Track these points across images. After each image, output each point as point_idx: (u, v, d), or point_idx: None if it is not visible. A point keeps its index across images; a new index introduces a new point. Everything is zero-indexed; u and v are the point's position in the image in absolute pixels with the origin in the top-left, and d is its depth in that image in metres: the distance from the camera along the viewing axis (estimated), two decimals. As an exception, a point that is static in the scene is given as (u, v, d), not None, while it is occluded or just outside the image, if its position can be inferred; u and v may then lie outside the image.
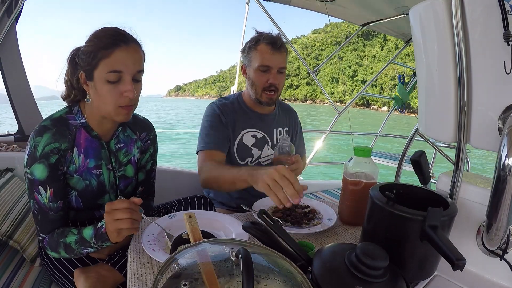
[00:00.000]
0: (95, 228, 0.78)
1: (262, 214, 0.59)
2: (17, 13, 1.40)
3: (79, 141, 0.86)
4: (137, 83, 0.82)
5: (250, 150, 1.30)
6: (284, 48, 1.22)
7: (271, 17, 2.42)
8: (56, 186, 0.82)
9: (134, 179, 1.02)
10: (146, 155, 1.05)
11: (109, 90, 0.78)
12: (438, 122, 0.73)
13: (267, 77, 1.20)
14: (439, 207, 0.57)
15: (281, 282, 0.44)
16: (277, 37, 1.20)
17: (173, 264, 0.43)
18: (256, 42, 1.20)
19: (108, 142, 0.93)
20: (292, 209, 1.00)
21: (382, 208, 0.61)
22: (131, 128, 0.99)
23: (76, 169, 0.87)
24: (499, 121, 0.56)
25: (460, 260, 0.46)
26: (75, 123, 0.86)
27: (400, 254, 0.59)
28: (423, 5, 0.67)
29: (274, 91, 1.23)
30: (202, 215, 0.88)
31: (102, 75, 0.78)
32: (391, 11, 2.29)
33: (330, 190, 2.31)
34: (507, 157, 0.48)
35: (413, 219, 0.57)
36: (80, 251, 0.80)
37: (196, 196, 1.13)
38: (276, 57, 1.19)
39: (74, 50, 0.84)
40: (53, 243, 0.82)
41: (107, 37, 0.77)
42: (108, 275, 0.83)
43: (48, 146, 0.79)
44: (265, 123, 1.33)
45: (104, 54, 0.76)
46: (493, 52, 0.55)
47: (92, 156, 0.89)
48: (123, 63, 0.78)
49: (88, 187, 0.90)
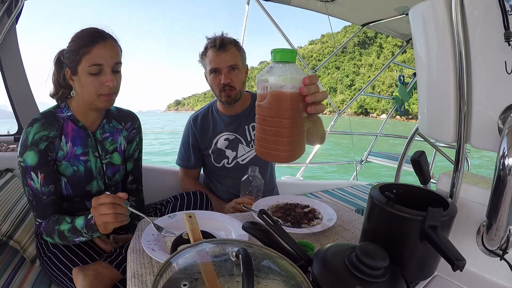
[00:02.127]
0: (86, 219, 0.83)
1: (262, 214, 0.58)
2: (17, 13, 1.40)
3: (66, 131, 0.95)
4: (116, 74, 0.93)
5: (224, 152, 1.37)
6: (230, 45, 1.22)
7: (271, 17, 2.43)
8: (47, 171, 0.90)
9: (121, 167, 1.10)
10: (133, 145, 1.14)
11: (91, 81, 0.89)
12: (438, 122, 0.73)
13: (219, 78, 1.24)
14: (439, 207, 0.57)
15: (281, 282, 0.44)
16: (219, 37, 1.22)
17: (173, 264, 0.43)
18: (205, 49, 1.25)
19: (94, 132, 1.01)
20: (292, 209, 1.00)
21: (382, 208, 0.61)
22: (116, 119, 1.09)
23: (64, 155, 0.95)
24: (499, 121, 0.56)
25: (460, 261, 0.46)
26: (62, 115, 0.96)
27: (400, 254, 0.59)
28: (423, 5, 0.67)
29: (230, 89, 1.25)
30: (202, 215, 0.88)
31: (85, 69, 0.88)
32: (391, 11, 2.29)
33: (330, 190, 2.31)
34: (507, 157, 0.48)
35: (413, 219, 0.56)
36: (73, 239, 0.86)
37: (192, 192, 1.18)
38: (222, 57, 1.21)
39: (59, 52, 0.94)
40: (49, 229, 0.89)
41: (87, 36, 0.88)
42: (105, 272, 0.85)
43: (37, 134, 0.88)
44: (234, 124, 1.37)
45: (86, 51, 0.86)
46: (493, 52, 0.55)
47: (80, 144, 0.97)
48: (102, 57, 0.88)
49: (76, 173, 0.97)
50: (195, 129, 1.38)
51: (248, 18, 2.55)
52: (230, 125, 1.36)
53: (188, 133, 1.41)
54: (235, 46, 1.23)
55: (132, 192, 1.18)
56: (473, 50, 0.58)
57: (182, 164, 1.44)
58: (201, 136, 1.37)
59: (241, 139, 1.36)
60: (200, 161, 1.43)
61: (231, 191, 1.39)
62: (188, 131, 1.40)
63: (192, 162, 1.41)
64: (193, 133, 1.38)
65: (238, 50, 1.25)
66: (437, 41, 0.66)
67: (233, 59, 1.22)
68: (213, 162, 1.38)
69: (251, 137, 1.36)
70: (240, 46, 1.27)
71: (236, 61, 1.23)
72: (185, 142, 1.42)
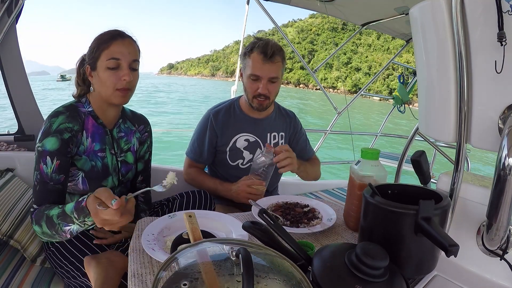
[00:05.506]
0: (76, 202, 0.76)
1: (262, 213, 0.59)
2: (17, 13, 1.40)
3: (87, 126, 0.97)
4: (134, 71, 0.96)
5: (242, 153, 1.34)
6: (278, 56, 1.21)
7: (271, 17, 2.42)
8: (63, 160, 0.89)
9: (133, 166, 1.13)
10: (144, 147, 1.18)
11: (109, 75, 0.92)
12: (438, 122, 0.73)
13: (257, 85, 1.23)
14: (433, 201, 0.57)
15: (281, 282, 0.44)
16: (270, 46, 1.20)
17: (173, 263, 0.43)
18: (251, 50, 1.23)
19: (111, 130, 1.04)
20: (292, 208, 1.00)
21: (375, 205, 0.62)
22: (130, 121, 1.12)
23: (85, 150, 0.97)
24: (499, 121, 0.56)
25: (453, 246, 0.47)
26: (84, 110, 0.98)
27: (397, 249, 0.60)
28: (423, 5, 0.67)
29: (265, 98, 1.25)
30: (202, 215, 0.88)
31: (103, 63, 0.91)
32: (391, 11, 2.29)
33: (330, 190, 2.31)
34: (507, 157, 0.48)
35: (406, 213, 0.57)
36: (62, 227, 0.78)
37: (196, 191, 1.19)
38: (267, 67, 1.20)
39: (82, 56, 1.00)
40: (39, 215, 0.83)
41: (107, 34, 0.93)
42: (118, 260, 0.86)
43: (62, 124, 0.90)
44: (258, 127, 1.35)
45: (105, 46, 0.91)
46: (493, 52, 0.55)
47: (98, 140, 1.00)
48: (120, 52, 0.92)
49: (94, 168, 0.99)
50: (215, 124, 1.32)
51: (248, 19, 2.55)
52: (253, 127, 1.35)
53: (205, 127, 1.34)
54: (281, 59, 1.23)
55: None
56: (473, 50, 0.58)
57: (193, 157, 1.38)
58: (221, 132, 1.32)
59: (261, 143, 1.35)
60: (212, 157, 1.37)
61: None
62: (206, 125, 1.34)
63: (204, 158, 1.36)
64: (212, 127, 1.33)
65: (282, 62, 1.25)
66: (437, 41, 0.66)
67: (276, 71, 1.22)
68: (227, 159, 1.34)
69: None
70: (285, 57, 1.26)
71: (278, 74, 1.23)
72: (200, 136, 1.35)
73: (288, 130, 1.44)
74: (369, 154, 0.85)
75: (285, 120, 1.45)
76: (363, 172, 0.85)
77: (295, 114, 1.52)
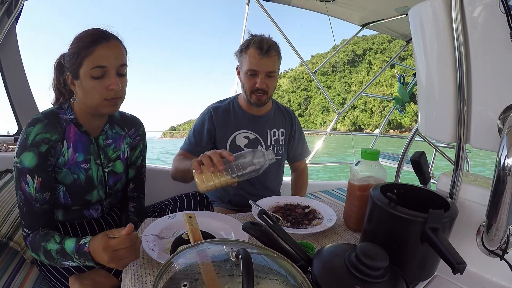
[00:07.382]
0: (77, 244, 0.73)
1: (262, 214, 0.59)
2: (17, 13, 1.40)
3: (68, 135, 0.88)
4: (121, 77, 0.85)
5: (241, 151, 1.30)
6: (273, 51, 1.21)
7: (271, 17, 2.42)
8: (44, 177, 0.82)
9: (123, 175, 1.03)
10: (136, 151, 1.07)
11: (94, 85, 0.81)
12: (438, 122, 0.73)
13: (255, 80, 1.23)
14: (440, 208, 0.57)
15: (281, 283, 0.44)
16: (266, 40, 1.20)
17: (173, 264, 0.43)
18: (247, 46, 1.22)
19: (97, 138, 0.94)
20: (292, 209, 1.00)
21: (383, 209, 0.61)
22: (119, 125, 1.01)
23: (65, 162, 0.87)
24: (499, 121, 0.56)
25: (461, 264, 0.46)
26: (65, 117, 0.88)
27: (401, 255, 0.59)
28: (423, 5, 0.67)
29: (263, 93, 1.25)
30: (202, 216, 0.88)
31: (87, 72, 0.80)
32: (391, 11, 2.29)
33: (330, 190, 2.31)
34: (507, 157, 0.48)
35: (414, 220, 0.56)
36: (61, 262, 0.76)
37: (191, 193, 1.14)
38: (264, 62, 1.20)
39: (60, 56, 0.88)
40: (35, 245, 0.80)
41: (88, 37, 0.80)
42: (103, 281, 0.82)
43: (39, 135, 0.81)
44: (258, 124, 1.34)
45: (87, 53, 0.79)
46: (493, 52, 0.55)
47: (81, 150, 0.90)
48: (105, 58, 0.80)
49: (76, 181, 0.90)
50: (215, 117, 1.31)
51: (248, 18, 2.55)
52: (253, 124, 1.34)
53: (205, 118, 1.31)
54: (277, 53, 1.23)
55: (133, 199, 1.12)
56: (473, 50, 0.58)
57: (186, 148, 1.30)
58: (220, 127, 1.30)
59: (262, 140, 1.34)
60: (208, 149, 1.26)
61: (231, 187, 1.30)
62: (206, 117, 1.31)
63: (199, 147, 1.27)
64: (211, 119, 1.30)
65: (278, 57, 1.25)
66: (437, 41, 0.66)
67: (273, 65, 1.22)
68: None
69: (271, 142, 1.35)
70: (280, 52, 1.26)
71: (275, 68, 1.24)
72: (198, 128, 1.31)
73: (288, 127, 1.44)
74: (369, 155, 0.86)
75: (285, 117, 1.44)
76: (363, 172, 0.85)
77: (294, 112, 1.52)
